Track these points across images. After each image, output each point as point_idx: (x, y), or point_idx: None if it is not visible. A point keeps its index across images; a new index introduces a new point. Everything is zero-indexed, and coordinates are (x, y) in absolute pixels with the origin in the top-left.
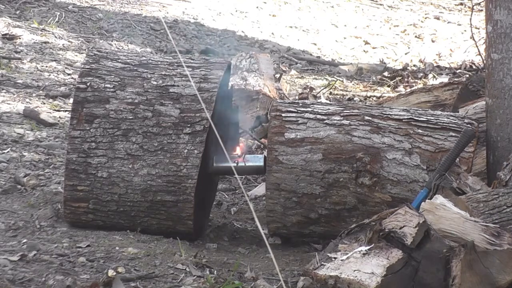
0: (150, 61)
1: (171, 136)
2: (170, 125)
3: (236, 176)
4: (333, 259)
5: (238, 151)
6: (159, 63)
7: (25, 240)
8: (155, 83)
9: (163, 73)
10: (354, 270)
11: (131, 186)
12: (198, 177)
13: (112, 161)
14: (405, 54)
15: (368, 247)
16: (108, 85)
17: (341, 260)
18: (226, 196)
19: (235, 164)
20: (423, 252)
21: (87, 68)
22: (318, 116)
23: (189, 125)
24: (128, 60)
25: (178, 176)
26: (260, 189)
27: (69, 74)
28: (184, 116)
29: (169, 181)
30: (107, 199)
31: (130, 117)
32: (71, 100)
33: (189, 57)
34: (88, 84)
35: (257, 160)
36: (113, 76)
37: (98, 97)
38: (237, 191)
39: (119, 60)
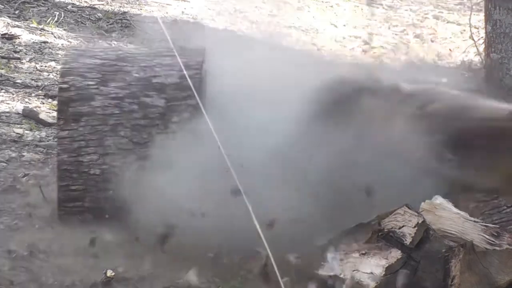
0: (128, 54)
1: (159, 127)
2: (157, 115)
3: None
4: (333, 258)
5: None
6: (136, 55)
7: (24, 240)
8: (136, 75)
9: (142, 64)
10: (353, 270)
11: (124, 181)
12: None
13: (103, 157)
14: (405, 54)
15: (368, 247)
16: (91, 82)
17: (341, 260)
18: None
19: None
20: (422, 252)
21: (67, 68)
22: None
23: (176, 114)
24: (106, 56)
25: None
26: None
27: None
28: (171, 105)
29: None
30: (101, 196)
31: (117, 112)
32: None
33: (162, 47)
34: (70, 83)
35: None
36: (94, 73)
37: (82, 95)
38: None
39: (97, 57)
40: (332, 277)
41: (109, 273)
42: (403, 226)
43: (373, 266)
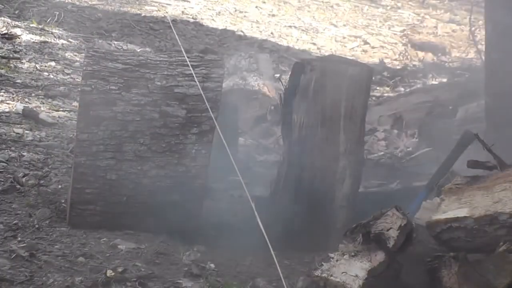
0: (149, 60)
1: (178, 137)
2: (177, 125)
3: (239, 175)
4: (330, 259)
5: None
6: (158, 62)
7: (24, 240)
8: (159, 83)
9: (165, 73)
10: (342, 272)
11: (140, 188)
12: None
13: (120, 163)
14: (404, 53)
15: (358, 249)
16: (113, 87)
17: (336, 261)
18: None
19: None
20: (406, 255)
21: (90, 70)
22: None
23: (195, 125)
24: (127, 61)
25: (187, 177)
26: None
27: (68, 74)
28: (191, 116)
29: (178, 181)
30: (115, 201)
31: (137, 119)
32: (70, 100)
33: (183, 55)
34: (93, 86)
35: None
36: (116, 78)
37: (104, 100)
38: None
39: (119, 61)
40: (323, 279)
41: (109, 273)
42: (390, 228)
43: (358, 268)
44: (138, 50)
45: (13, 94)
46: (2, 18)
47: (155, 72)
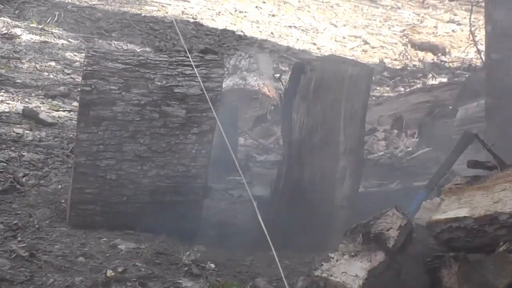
0: (149, 60)
1: (178, 137)
2: (177, 125)
3: (241, 174)
4: (330, 259)
5: None
6: (158, 62)
7: (24, 240)
8: (159, 83)
9: (165, 73)
10: (342, 272)
11: (140, 188)
12: None
13: (121, 163)
14: (404, 53)
15: (358, 249)
16: (113, 87)
17: (336, 261)
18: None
19: None
20: (406, 255)
21: (90, 70)
22: None
23: (196, 125)
24: (127, 61)
25: (187, 177)
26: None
27: (68, 74)
28: (191, 116)
29: (178, 181)
30: (115, 201)
31: (137, 119)
32: (70, 100)
33: (183, 55)
34: (93, 86)
35: None
36: (116, 78)
37: (104, 99)
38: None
39: (119, 61)
40: (323, 279)
41: (109, 273)
42: (390, 228)
43: (358, 268)
44: (138, 50)
45: (13, 94)
46: (2, 18)
47: (155, 72)
